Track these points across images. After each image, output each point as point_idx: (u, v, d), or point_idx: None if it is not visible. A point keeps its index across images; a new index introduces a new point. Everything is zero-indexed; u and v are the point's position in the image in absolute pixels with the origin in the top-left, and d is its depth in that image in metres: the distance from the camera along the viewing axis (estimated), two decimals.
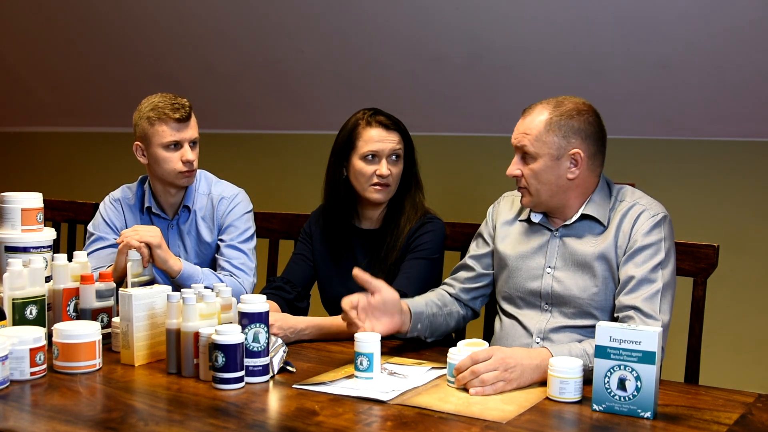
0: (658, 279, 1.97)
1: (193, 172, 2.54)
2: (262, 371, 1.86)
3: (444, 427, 1.61)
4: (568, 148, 2.03)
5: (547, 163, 2.03)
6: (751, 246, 3.51)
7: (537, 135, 2.03)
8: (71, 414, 1.67)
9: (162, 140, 2.48)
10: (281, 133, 4.54)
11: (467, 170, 4.05)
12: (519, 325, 2.15)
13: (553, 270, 2.10)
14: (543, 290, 2.11)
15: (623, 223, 2.05)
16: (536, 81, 3.59)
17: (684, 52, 3.28)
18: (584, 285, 2.06)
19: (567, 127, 2.03)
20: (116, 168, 4.31)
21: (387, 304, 2.03)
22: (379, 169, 2.38)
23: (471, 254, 2.30)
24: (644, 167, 3.66)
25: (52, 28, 4.59)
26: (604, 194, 2.10)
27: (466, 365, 1.79)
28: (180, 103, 2.49)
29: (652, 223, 2.02)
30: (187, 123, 2.50)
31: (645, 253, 1.99)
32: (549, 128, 2.02)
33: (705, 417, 1.67)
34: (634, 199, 2.08)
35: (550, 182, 2.05)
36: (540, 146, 2.03)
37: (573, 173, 2.05)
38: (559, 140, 2.02)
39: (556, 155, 2.03)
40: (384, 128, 2.39)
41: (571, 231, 2.10)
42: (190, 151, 2.50)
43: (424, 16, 3.60)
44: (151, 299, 2.02)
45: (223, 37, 4.15)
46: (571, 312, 2.08)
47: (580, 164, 2.04)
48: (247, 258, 2.57)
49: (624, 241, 2.03)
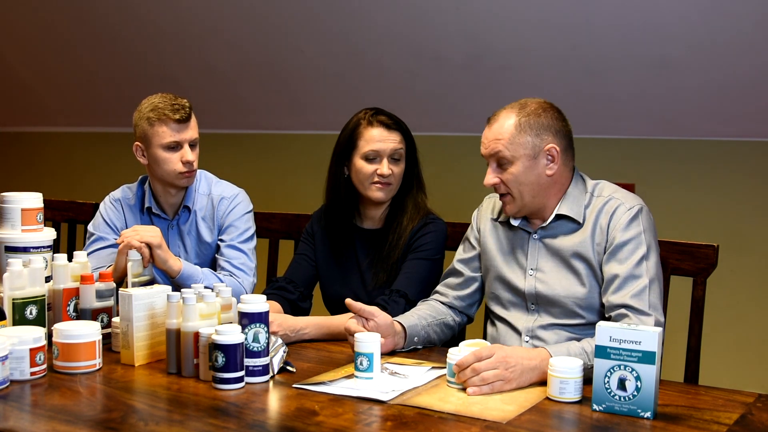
0: (644, 273, 1.96)
1: (193, 172, 2.54)
2: (262, 371, 1.86)
3: (444, 427, 1.61)
4: (542, 144, 2.04)
5: (526, 164, 2.04)
6: (751, 246, 3.51)
7: (510, 138, 2.03)
8: (71, 414, 1.67)
9: (162, 141, 2.48)
10: (281, 133, 4.54)
11: (467, 170, 4.04)
12: (508, 326, 2.16)
13: (536, 272, 2.11)
14: (527, 291, 2.12)
15: (599, 219, 2.04)
16: (536, 81, 3.59)
17: (684, 52, 3.28)
18: (567, 284, 2.06)
19: (537, 125, 2.03)
20: (116, 168, 4.31)
21: (381, 328, 2.03)
22: (380, 169, 2.38)
23: (458, 258, 2.30)
24: (644, 167, 3.66)
25: (52, 29, 4.59)
26: (578, 191, 2.10)
27: (468, 362, 1.79)
28: (180, 104, 2.48)
29: (629, 216, 2.01)
30: (187, 124, 2.50)
31: (626, 249, 1.99)
32: (520, 129, 2.03)
33: (705, 417, 1.67)
34: (609, 193, 2.08)
35: (531, 182, 2.05)
36: (515, 148, 2.03)
37: (552, 169, 2.06)
38: (532, 139, 2.03)
39: (533, 154, 2.04)
40: (385, 128, 2.39)
41: (548, 232, 2.11)
42: (190, 152, 2.50)
43: (424, 17, 3.60)
44: (151, 299, 2.02)
45: (223, 37, 4.15)
46: (558, 311, 2.09)
47: (557, 159, 2.05)
48: (247, 258, 2.57)
49: (602, 238, 2.03)
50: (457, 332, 2.31)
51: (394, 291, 2.32)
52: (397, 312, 2.21)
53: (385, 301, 2.29)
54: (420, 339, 2.15)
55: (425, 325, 2.17)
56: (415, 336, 2.13)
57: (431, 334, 2.19)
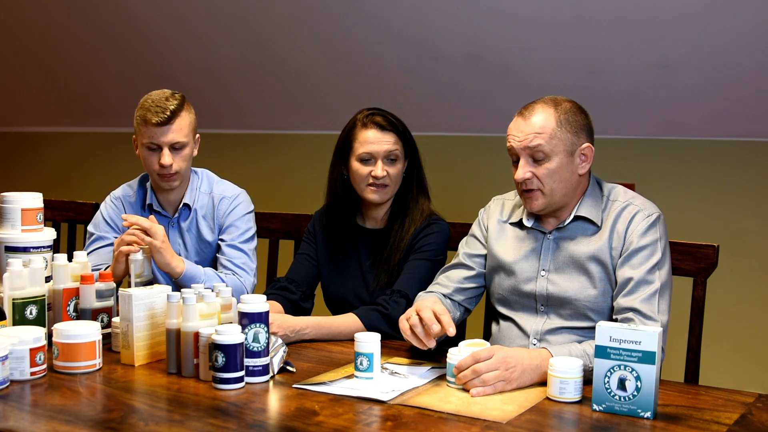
0: (656, 280, 1.97)
1: (173, 176, 2.51)
2: (262, 371, 1.86)
3: (444, 427, 1.61)
4: (579, 143, 2.04)
5: (563, 161, 2.03)
6: (751, 246, 3.51)
7: (552, 132, 2.01)
8: (71, 414, 1.67)
9: (143, 140, 2.49)
10: (281, 133, 4.54)
11: (467, 170, 4.05)
12: (515, 326, 2.15)
13: (548, 273, 2.09)
14: (538, 293, 2.10)
15: (617, 223, 2.04)
16: (536, 81, 3.59)
17: (684, 52, 3.28)
18: (580, 287, 2.05)
19: (575, 123, 2.03)
20: (116, 168, 4.31)
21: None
22: (374, 171, 2.37)
23: (466, 252, 2.26)
24: (644, 167, 3.66)
25: (51, 29, 4.59)
26: (595, 193, 2.10)
27: (468, 364, 1.79)
28: (164, 106, 2.45)
29: (648, 223, 2.01)
30: (167, 127, 2.45)
31: (641, 255, 1.99)
32: (560, 125, 2.02)
33: (705, 417, 1.67)
34: (627, 199, 2.08)
35: (565, 180, 2.04)
36: (556, 143, 2.01)
37: (584, 168, 2.06)
38: (571, 136, 2.02)
39: (570, 151, 2.03)
40: (379, 129, 2.38)
41: (565, 233, 2.10)
42: (168, 155, 2.47)
43: (424, 16, 3.60)
44: (151, 299, 2.02)
45: (224, 37, 4.15)
46: (568, 314, 2.07)
47: (590, 159, 2.06)
48: (248, 258, 2.58)
49: (619, 243, 2.02)
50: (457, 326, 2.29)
51: (396, 291, 2.32)
52: (399, 312, 2.21)
53: (386, 301, 2.29)
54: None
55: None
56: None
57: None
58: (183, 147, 2.50)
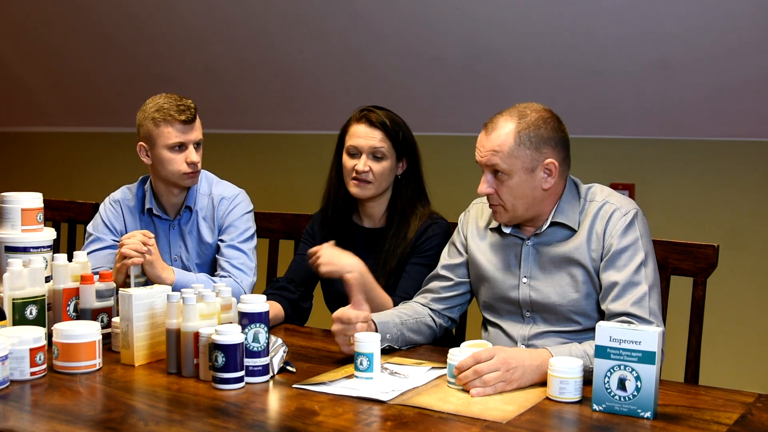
0: (643, 280, 1.95)
1: (198, 173, 2.55)
2: (262, 371, 1.86)
3: (444, 427, 1.61)
4: (540, 158, 1.99)
5: (522, 177, 1.99)
6: (751, 246, 3.50)
7: (508, 151, 1.97)
8: (71, 414, 1.67)
9: (167, 141, 2.48)
10: (281, 133, 4.53)
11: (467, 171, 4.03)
12: (502, 333, 2.14)
13: (529, 279, 2.08)
14: (521, 299, 2.09)
15: (595, 224, 2.02)
16: (536, 81, 3.58)
17: (684, 52, 3.28)
18: (562, 291, 2.04)
19: (537, 138, 1.98)
20: (116, 168, 4.31)
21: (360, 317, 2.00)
22: (357, 164, 2.38)
23: (444, 264, 2.25)
24: (644, 167, 3.66)
25: (51, 28, 4.59)
26: (572, 196, 2.07)
27: (468, 365, 1.78)
28: (185, 105, 2.49)
29: (626, 222, 1.99)
30: (192, 125, 2.50)
31: (624, 256, 1.97)
32: (519, 142, 1.97)
33: (705, 417, 1.67)
34: (604, 197, 2.05)
35: (526, 195, 2.01)
36: (512, 162, 1.97)
37: (548, 182, 2.01)
38: (531, 152, 1.98)
39: (530, 167, 1.99)
40: (368, 125, 2.39)
41: (543, 238, 2.08)
42: (194, 153, 2.51)
43: (424, 17, 3.60)
44: (151, 299, 2.02)
45: (223, 37, 4.15)
46: (554, 318, 2.07)
47: (554, 173, 2.01)
48: (247, 258, 2.58)
49: (598, 245, 2.00)
50: (438, 334, 2.25)
51: (397, 296, 2.32)
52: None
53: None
54: (393, 337, 2.09)
55: (398, 323, 2.11)
56: (387, 333, 2.07)
57: (406, 333, 2.13)
58: (201, 144, 2.55)
